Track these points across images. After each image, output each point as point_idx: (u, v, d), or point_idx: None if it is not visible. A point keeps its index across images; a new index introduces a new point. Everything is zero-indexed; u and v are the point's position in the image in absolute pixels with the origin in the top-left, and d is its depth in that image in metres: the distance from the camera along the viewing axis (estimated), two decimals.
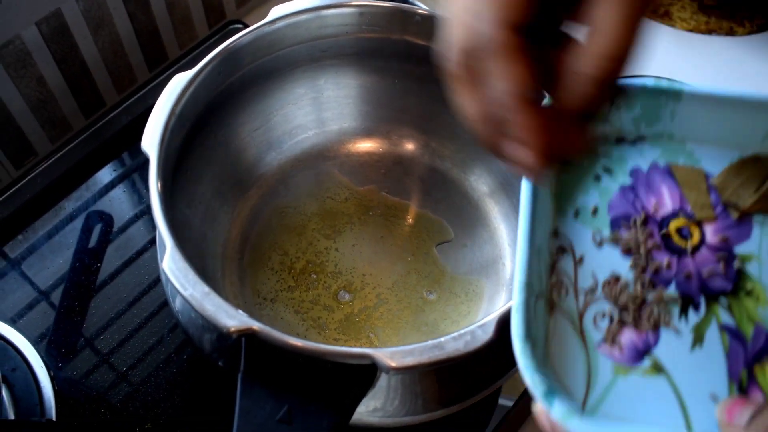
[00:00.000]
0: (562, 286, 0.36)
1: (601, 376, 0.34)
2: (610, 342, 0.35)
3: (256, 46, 0.49)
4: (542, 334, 0.34)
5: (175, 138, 0.45)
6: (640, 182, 0.40)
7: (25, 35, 0.62)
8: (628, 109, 0.41)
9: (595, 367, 0.35)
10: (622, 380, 0.34)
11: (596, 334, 0.35)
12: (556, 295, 0.36)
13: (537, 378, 0.31)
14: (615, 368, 0.35)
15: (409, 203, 0.58)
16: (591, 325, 0.36)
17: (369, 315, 0.52)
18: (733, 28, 0.85)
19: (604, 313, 0.36)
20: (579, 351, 0.35)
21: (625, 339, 0.35)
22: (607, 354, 0.35)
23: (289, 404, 0.35)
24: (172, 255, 0.38)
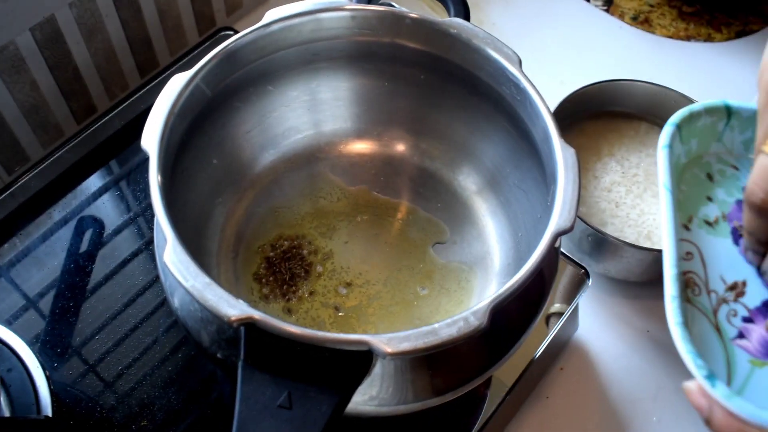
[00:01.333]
0: (695, 285, 0.39)
1: (739, 368, 0.37)
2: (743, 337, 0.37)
3: (252, 48, 0.50)
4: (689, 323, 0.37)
5: (173, 137, 0.46)
6: None
7: (19, 41, 0.63)
8: (741, 132, 0.44)
9: (734, 358, 0.37)
10: (759, 372, 0.37)
11: (731, 329, 0.38)
12: (691, 293, 0.39)
13: (699, 361, 0.34)
14: (752, 361, 0.37)
15: (400, 202, 0.59)
16: (725, 321, 0.38)
17: (363, 311, 0.53)
18: (711, 35, 0.87)
19: (736, 312, 0.38)
20: (717, 343, 0.37)
21: (756, 335, 0.37)
22: (743, 348, 0.37)
23: (289, 390, 0.36)
24: (173, 247, 0.39)
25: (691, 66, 0.85)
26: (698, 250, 0.41)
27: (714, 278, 0.40)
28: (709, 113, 0.44)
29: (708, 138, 0.45)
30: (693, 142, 0.44)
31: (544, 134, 0.46)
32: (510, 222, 0.55)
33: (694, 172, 0.44)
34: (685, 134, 0.44)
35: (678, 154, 0.43)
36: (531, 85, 0.48)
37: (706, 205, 0.43)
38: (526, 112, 0.49)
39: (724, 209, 0.43)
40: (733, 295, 0.39)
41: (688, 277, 0.39)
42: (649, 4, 0.89)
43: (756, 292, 0.39)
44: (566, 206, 0.42)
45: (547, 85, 0.81)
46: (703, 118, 0.44)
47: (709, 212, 0.42)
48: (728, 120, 0.44)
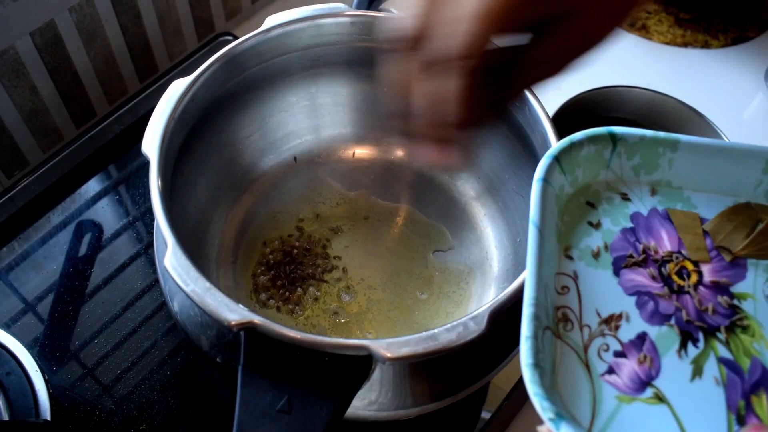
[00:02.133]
0: (568, 320, 0.38)
1: (605, 405, 0.36)
2: (613, 373, 0.37)
3: (252, 53, 0.51)
4: (549, 363, 0.36)
5: (173, 142, 0.46)
6: (640, 226, 0.43)
7: (19, 46, 0.63)
8: (629, 158, 0.44)
9: (600, 395, 0.37)
10: (625, 409, 0.36)
11: (600, 365, 0.37)
12: (562, 329, 0.38)
13: (545, 404, 0.33)
14: (618, 397, 0.36)
15: (399, 207, 0.59)
16: (595, 356, 0.38)
17: (363, 316, 0.54)
18: (708, 41, 0.88)
19: (608, 346, 0.38)
20: (584, 380, 0.37)
21: (627, 370, 0.37)
22: (611, 384, 0.37)
23: (289, 394, 0.36)
24: (173, 252, 0.39)
25: (689, 72, 0.85)
26: (575, 284, 0.40)
27: (589, 312, 0.39)
28: (592, 141, 0.43)
29: (594, 166, 0.44)
30: (578, 171, 0.44)
31: (542, 140, 0.47)
32: (509, 227, 0.55)
33: (580, 201, 0.44)
34: (567, 165, 0.43)
35: (561, 185, 0.43)
36: (530, 91, 0.48)
37: (589, 235, 0.42)
38: (525, 119, 0.49)
39: (607, 239, 0.42)
40: (607, 328, 0.39)
41: (562, 312, 0.39)
42: (647, 10, 0.90)
43: (631, 325, 0.39)
44: None
45: (544, 92, 0.81)
46: (587, 147, 0.43)
47: (592, 243, 0.42)
48: (614, 147, 0.44)
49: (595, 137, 0.43)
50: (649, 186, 0.45)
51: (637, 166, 0.45)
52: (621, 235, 0.42)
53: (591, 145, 0.43)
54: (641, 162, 0.44)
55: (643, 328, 0.39)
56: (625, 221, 0.43)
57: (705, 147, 0.43)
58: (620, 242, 0.42)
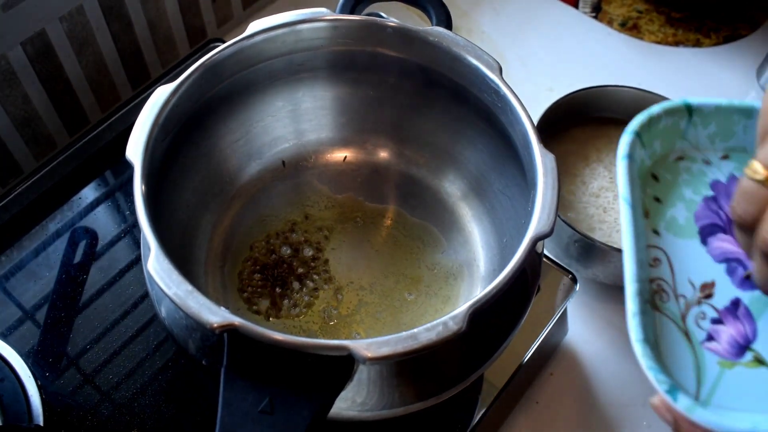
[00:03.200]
0: (663, 291, 0.39)
1: (709, 371, 0.37)
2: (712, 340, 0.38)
3: (235, 59, 0.51)
4: (652, 336, 0.37)
5: (158, 148, 0.46)
6: (720, 193, 0.44)
7: (10, 55, 0.64)
8: (704, 127, 0.44)
9: (703, 363, 0.37)
10: (728, 374, 0.37)
11: (700, 332, 0.38)
12: (658, 300, 0.39)
13: (660, 376, 0.34)
14: (720, 363, 0.37)
15: (387, 209, 0.60)
16: (694, 325, 0.39)
17: (351, 318, 0.54)
18: (700, 40, 0.88)
19: (704, 314, 0.39)
20: (686, 349, 0.38)
21: (726, 336, 0.38)
22: (712, 350, 0.37)
23: (271, 395, 0.37)
24: (156, 256, 0.39)
25: (680, 71, 0.85)
26: (666, 255, 0.41)
27: (682, 282, 0.40)
28: (669, 114, 0.44)
29: (671, 137, 0.45)
30: (656, 144, 0.44)
31: (524, 140, 0.47)
32: (495, 228, 0.55)
33: (660, 173, 0.45)
34: (646, 139, 0.44)
35: (641, 159, 0.44)
36: (511, 92, 0.48)
37: (674, 206, 0.43)
38: (507, 119, 0.49)
39: (691, 209, 0.43)
40: (702, 296, 0.39)
41: (656, 284, 0.40)
42: (638, 10, 0.90)
43: (724, 292, 0.39)
44: (545, 211, 0.42)
45: (535, 92, 0.82)
46: (664, 119, 0.44)
47: (677, 213, 0.43)
48: (690, 117, 0.44)
49: (672, 109, 0.44)
50: (724, 152, 0.45)
51: (712, 134, 0.45)
52: (704, 204, 0.43)
53: (668, 117, 0.44)
54: (716, 130, 0.45)
55: (736, 294, 0.39)
56: (705, 190, 0.43)
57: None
58: (704, 211, 0.42)
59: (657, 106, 0.44)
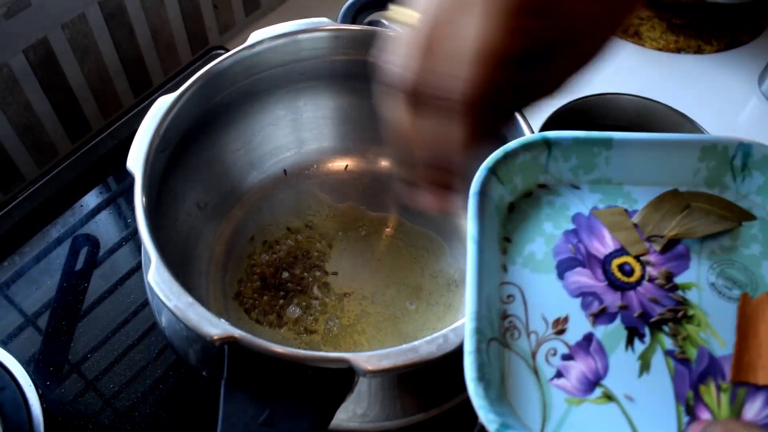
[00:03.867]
0: (515, 328, 0.38)
1: (555, 409, 0.36)
2: (561, 376, 0.37)
3: (237, 69, 0.51)
4: (497, 374, 0.37)
5: (159, 158, 0.46)
6: (581, 226, 0.43)
7: (12, 63, 0.64)
8: (565, 161, 0.44)
9: (549, 400, 0.37)
10: (575, 411, 0.36)
11: (549, 369, 0.37)
12: (509, 338, 0.38)
13: (490, 416, 0.34)
14: (568, 400, 0.37)
15: (388, 218, 0.60)
16: (543, 362, 0.38)
17: (352, 327, 0.54)
18: (701, 47, 0.88)
19: (555, 350, 0.38)
20: (533, 387, 0.37)
21: (575, 372, 0.37)
22: (560, 387, 0.37)
23: (271, 408, 0.37)
24: (156, 267, 0.39)
25: (682, 78, 0.85)
26: (521, 291, 0.40)
27: (535, 318, 0.39)
28: (526, 149, 0.43)
29: (533, 172, 0.44)
30: (516, 179, 0.44)
31: None
32: None
33: (522, 207, 0.44)
34: (504, 175, 0.43)
35: (500, 195, 0.43)
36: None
37: (533, 241, 0.43)
38: (508, 130, 0.49)
39: (550, 243, 0.42)
40: (553, 332, 0.39)
41: (509, 321, 0.39)
42: (639, 16, 0.90)
43: (577, 327, 0.39)
44: None
45: None
46: (522, 155, 0.43)
47: (536, 248, 0.42)
48: (549, 151, 0.44)
49: (529, 144, 0.43)
50: (589, 185, 0.44)
51: (574, 167, 0.44)
52: (563, 238, 0.42)
53: (526, 152, 0.43)
54: (578, 163, 0.44)
55: (589, 329, 0.39)
56: (566, 224, 0.43)
57: (639, 142, 0.43)
58: (563, 245, 0.42)
59: (514, 142, 0.43)
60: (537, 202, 0.44)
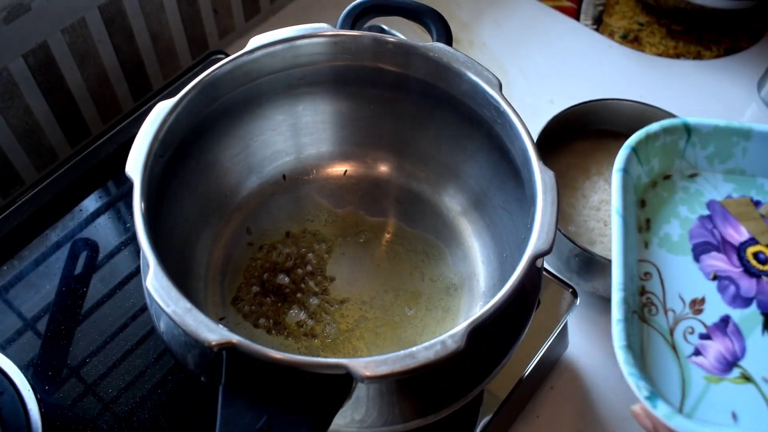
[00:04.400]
0: (652, 305, 0.40)
1: (694, 385, 0.38)
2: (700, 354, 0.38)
3: (236, 74, 0.51)
4: (638, 346, 0.37)
5: (157, 163, 0.46)
6: (716, 213, 0.44)
7: (12, 67, 0.64)
8: (703, 148, 0.46)
9: (688, 376, 0.38)
10: (714, 389, 0.37)
11: (687, 347, 0.39)
12: (647, 313, 0.39)
13: (641, 383, 0.35)
14: (707, 378, 0.37)
15: (387, 223, 0.60)
16: (681, 339, 0.39)
17: (351, 333, 0.54)
18: (701, 52, 0.88)
19: (693, 329, 0.39)
20: (672, 362, 0.38)
21: (713, 351, 0.38)
22: (699, 365, 0.38)
23: (269, 414, 0.37)
24: (155, 273, 0.39)
25: (681, 83, 0.85)
26: (657, 270, 0.41)
27: (672, 297, 0.40)
28: (667, 132, 0.45)
29: (670, 156, 0.45)
30: (654, 161, 0.45)
31: (523, 156, 0.47)
32: (495, 243, 0.55)
33: (657, 190, 0.45)
34: (643, 155, 0.44)
35: (638, 175, 0.44)
36: (511, 108, 0.48)
37: (668, 222, 0.44)
38: (507, 135, 0.49)
39: (686, 226, 0.43)
40: (691, 312, 0.40)
41: (646, 297, 0.40)
42: (639, 22, 0.90)
43: (714, 309, 0.40)
44: (544, 229, 0.42)
45: (537, 104, 0.82)
46: (662, 137, 0.45)
47: (671, 230, 0.43)
48: (689, 137, 0.45)
49: (670, 128, 0.45)
50: (723, 174, 0.46)
51: (711, 155, 0.46)
52: (699, 223, 0.44)
53: (666, 135, 0.45)
54: (715, 151, 0.46)
55: (726, 311, 0.40)
56: (701, 209, 0.44)
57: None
58: (698, 229, 0.43)
59: (656, 124, 0.44)
60: (672, 185, 0.45)
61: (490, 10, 0.92)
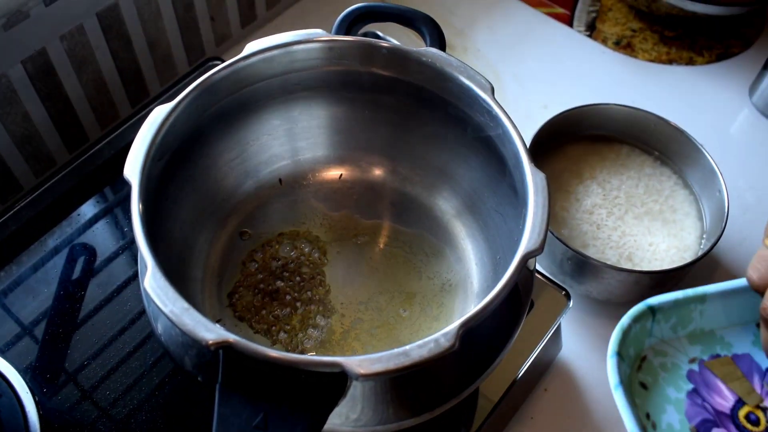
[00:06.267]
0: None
1: None
2: None
3: (232, 80, 0.52)
4: None
5: (155, 166, 0.47)
6: (699, 384, 0.46)
7: (11, 74, 0.65)
8: (666, 322, 0.48)
9: None
10: None
11: None
12: None
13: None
14: None
15: (382, 227, 0.60)
16: None
17: (346, 334, 0.54)
18: (693, 58, 0.89)
19: None
20: None
21: None
22: None
23: (265, 411, 0.37)
24: (153, 273, 0.40)
25: (674, 89, 0.86)
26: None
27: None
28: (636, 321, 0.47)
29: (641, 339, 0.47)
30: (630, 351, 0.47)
31: (515, 159, 0.48)
32: (489, 245, 0.56)
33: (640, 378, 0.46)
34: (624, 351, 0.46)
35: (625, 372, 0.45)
36: (503, 112, 0.49)
37: (665, 412, 0.45)
38: (499, 138, 0.50)
39: (680, 409, 0.44)
40: None
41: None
42: (632, 29, 0.91)
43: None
44: (536, 229, 0.43)
45: (530, 109, 0.83)
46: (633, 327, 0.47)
47: (671, 418, 0.44)
48: (653, 317, 0.47)
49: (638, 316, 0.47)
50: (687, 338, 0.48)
51: (674, 324, 0.48)
52: (689, 401, 0.45)
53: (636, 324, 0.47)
54: (677, 320, 0.48)
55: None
56: (685, 384, 0.46)
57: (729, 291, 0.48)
58: (692, 408, 0.44)
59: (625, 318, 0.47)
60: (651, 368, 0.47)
61: (484, 17, 0.93)
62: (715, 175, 0.67)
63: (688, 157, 0.70)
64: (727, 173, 0.67)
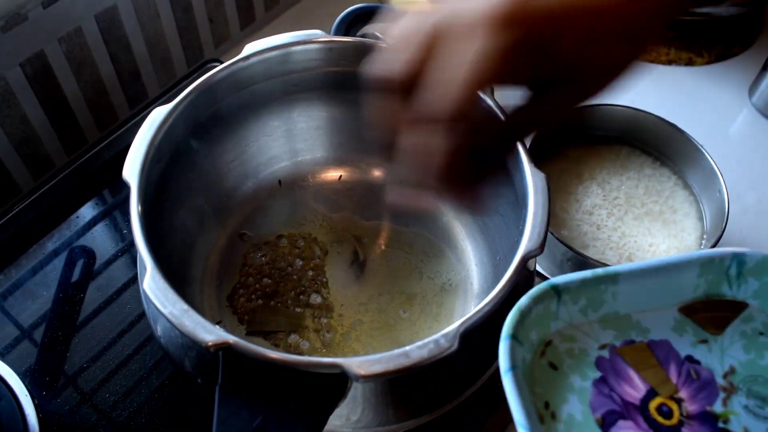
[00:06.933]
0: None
1: None
2: None
3: (231, 81, 0.52)
4: None
5: (154, 168, 0.47)
6: (607, 372, 0.42)
7: (8, 76, 0.65)
8: (574, 303, 0.43)
9: None
10: None
11: None
12: None
13: None
14: None
15: (382, 228, 0.60)
16: None
17: (347, 335, 0.54)
18: (692, 59, 0.89)
19: None
20: None
21: None
22: None
23: (265, 413, 0.37)
24: (152, 275, 0.40)
25: (673, 90, 0.86)
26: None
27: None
28: (538, 301, 0.42)
29: (545, 322, 0.43)
30: (532, 335, 0.42)
31: (515, 160, 0.48)
32: (488, 246, 0.56)
33: (542, 364, 0.42)
34: (522, 335, 0.41)
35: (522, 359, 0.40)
36: (503, 113, 0.49)
37: (567, 401, 0.41)
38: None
39: (584, 399, 0.40)
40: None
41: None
42: None
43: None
44: (536, 230, 0.43)
45: None
46: (534, 309, 0.41)
47: (573, 409, 0.40)
48: (559, 298, 0.43)
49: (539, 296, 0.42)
50: (599, 323, 0.44)
51: (584, 306, 0.44)
52: (595, 390, 0.41)
53: (538, 305, 0.42)
54: (587, 302, 0.44)
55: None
56: (591, 371, 0.42)
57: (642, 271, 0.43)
58: (597, 398, 0.40)
59: (524, 298, 0.42)
60: (555, 353, 0.42)
61: None
62: (715, 175, 0.66)
63: (688, 158, 0.70)
64: (727, 174, 0.67)
